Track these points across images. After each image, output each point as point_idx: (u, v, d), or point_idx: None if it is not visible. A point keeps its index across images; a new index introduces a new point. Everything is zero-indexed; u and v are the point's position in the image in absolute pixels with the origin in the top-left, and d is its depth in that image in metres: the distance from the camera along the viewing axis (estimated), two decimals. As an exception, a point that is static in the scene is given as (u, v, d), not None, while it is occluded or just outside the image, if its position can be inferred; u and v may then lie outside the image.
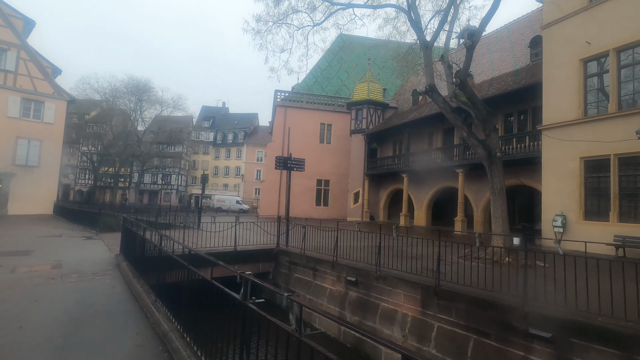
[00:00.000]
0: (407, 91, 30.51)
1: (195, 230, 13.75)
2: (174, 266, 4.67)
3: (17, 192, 23.40)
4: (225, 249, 10.09)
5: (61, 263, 7.41)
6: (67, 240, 11.09)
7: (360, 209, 28.85)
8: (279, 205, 32.54)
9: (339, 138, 34.05)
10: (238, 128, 62.20)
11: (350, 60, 39.57)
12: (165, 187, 55.84)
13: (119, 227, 18.16)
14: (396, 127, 25.54)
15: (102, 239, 11.67)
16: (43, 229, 14.60)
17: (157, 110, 42.87)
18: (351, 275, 7.98)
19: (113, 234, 13.25)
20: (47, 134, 24.77)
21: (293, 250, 10.40)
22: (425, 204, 23.88)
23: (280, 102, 33.49)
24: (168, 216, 16.60)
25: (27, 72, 24.21)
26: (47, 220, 19.36)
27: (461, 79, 9.37)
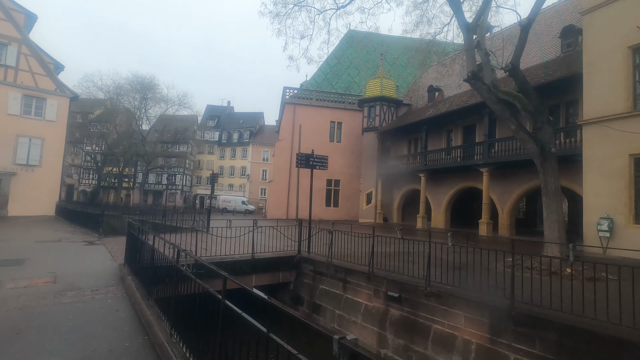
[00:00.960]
0: (422, 87, 29.31)
1: (204, 234, 12.70)
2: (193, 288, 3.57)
3: (17, 193, 22.48)
4: (242, 256, 9.01)
5: (56, 276, 6.35)
6: (67, 246, 10.06)
7: (373, 210, 27.70)
8: (287, 206, 31.51)
9: (349, 136, 32.93)
10: (243, 127, 61.21)
11: (360, 57, 38.47)
12: (170, 187, 54.95)
13: (123, 229, 17.17)
14: (412, 125, 24.37)
15: (104, 245, 10.62)
16: (42, 233, 13.59)
17: (162, 109, 41.97)
18: (393, 290, 6.84)
19: (117, 238, 12.22)
20: (49, 132, 23.83)
21: (317, 258, 9.28)
22: (443, 205, 22.69)
23: (288, 100, 32.41)
24: (175, 218, 15.56)
25: (29, 67, 23.29)
26: (47, 222, 18.38)
27: (513, 64, 8.22)
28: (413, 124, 23.99)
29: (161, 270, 4.55)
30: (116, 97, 39.70)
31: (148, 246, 5.28)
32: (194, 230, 14.79)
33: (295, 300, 9.60)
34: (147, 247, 5.34)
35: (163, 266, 4.47)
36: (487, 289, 5.69)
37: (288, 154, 31.89)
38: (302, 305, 9.29)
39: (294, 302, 9.62)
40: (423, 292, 6.27)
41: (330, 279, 8.58)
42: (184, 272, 3.57)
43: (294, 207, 31.15)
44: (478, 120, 20.50)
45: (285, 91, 32.75)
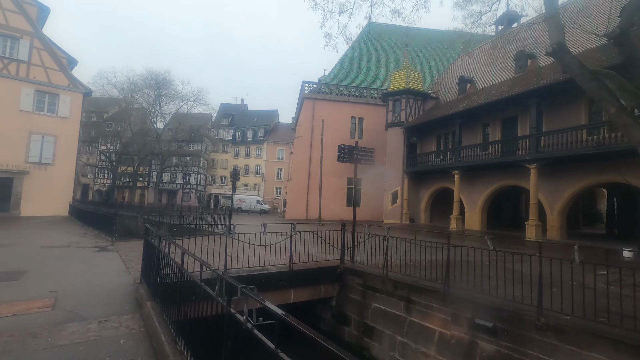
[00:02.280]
0: (450, 79, 27.50)
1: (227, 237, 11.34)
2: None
3: (30, 192, 21.63)
4: (278, 268, 7.57)
5: (57, 297, 5.02)
6: (75, 253, 8.80)
7: (399, 210, 26.04)
8: (307, 206, 30.09)
9: (371, 133, 31.28)
10: (258, 125, 60.10)
11: (381, 50, 36.78)
12: (184, 186, 54.19)
13: (138, 230, 16.04)
14: (442, 119, 22.62)
15: (118, 251, 9.33)
16: (51, 236, 12.45)
17: (176, 106, 41.02)
18: (483, 317, 5.27)
19: (132, 243, 10.95)
20: (62, 129, 22.94)
21: (367, 270, 7.76)
22: (479, 205, 20.89)
23: (307, 94, 30.96)
24: (195, 220, 14.29)
25: (41, 62, 22.42)
26: (59, 223, 17.35)
27: (622, 29, 6.55)
28: (444, 117, 22.24)
29: (196, 304, 3.10)
30: (130, 94, 38.88)
31: (174, 263, 3.85)
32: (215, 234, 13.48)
33: (339, 319, 8.11)
34: (173, 264, 3.91)
35: (196, 295, 3.03)
36: (618, 320, 4.14)
37: (307, 151, 30.46)
38: (349, 326, 7.79)
39: (337, 321, 8.14)
40: (534, 324, 4.70)
41: (387, 296, 7.05)
42: (240, 323, 2.09)
43: (314, 207, 29.75)
44: (521, 111, 18.67)
45: (304, 85, 31.31)
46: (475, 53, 27.68)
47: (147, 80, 38.99)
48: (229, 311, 2.30)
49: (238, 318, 2.19)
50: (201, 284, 2.97)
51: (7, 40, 21.34)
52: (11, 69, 21.38)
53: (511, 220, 22.53)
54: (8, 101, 21.11)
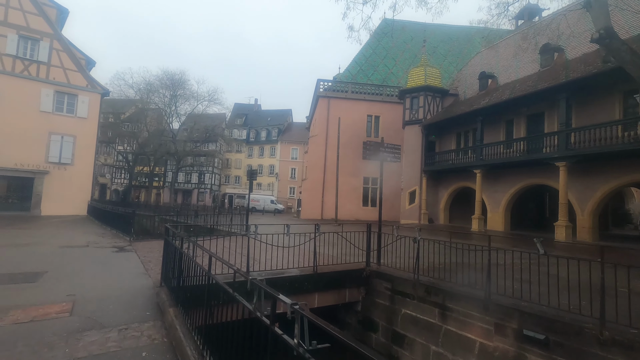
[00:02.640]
0: (470, 76, 26.69)
1: (245, 238, 11.09)
2: None
3: (50, 192, 21.90)
4: (302, 270, 7.21)
5: (75, 301, 4.77)
6: (94, 253, 8.64)
7: (417, 210, 25.40)
8: (322, 206, 29.72)
9: (387, 131, 30.63)
10: (271, 125, 60.05)
11: (396, 47, 36.12)
12: (199, 186, 54.57)
13: (155, 230, 15.93)
14: (463, 116, 21.88)
15: (136, 251, 9.13)
16: (70, 235, 12.40)
17: (191, 106, 41.23)
18: (533, 328, 4.78)
19: (149, 243, 10.76)
20: (80, 130, 23.17)
21: (396, 274, 7.32)
22: (502, 205, 20.11)
23: (322, 93, 30.58)
24: (212, 219, 14.08)
25: (60, 63, 22.68)
26: (78, 222, 17.43)
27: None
28: (465, 114, 21.50)
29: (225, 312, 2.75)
30: (146, 94, 39.25)
31: (200, 269, 3.51)
32: (233, 234, 13.23)
33: (365, 325, 7.69)
34: (198, 269, 3.57)
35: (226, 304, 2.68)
36: None
37: (322, 150, 30.10)
38: (376, 332, 7.36)
39: (363, 327, 7.72)
40: (596, 338, 4.19)
41: (418, 302, 6.60)
42: (289, 347, 1.71)
43: (329, 207, 29.36)
44: (548, 107, 17.86)
45: (319, 84, 30.94)
46: (495, 48, 26.80)
47: (163, 80, 39.34)
48: (274, 332, 1.92)
49: (287, 341, 1.81)
50: (234, 294, 2.61)
51: (27, 42, 21.66)
52: (32, 70, 21.68)
53: (535, 221, 21.64)
54: (29, 102, 21.41)
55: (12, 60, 21.07)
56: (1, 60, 20.77)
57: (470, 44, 37.21)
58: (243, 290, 2.88)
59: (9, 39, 20.88)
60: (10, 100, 20.81)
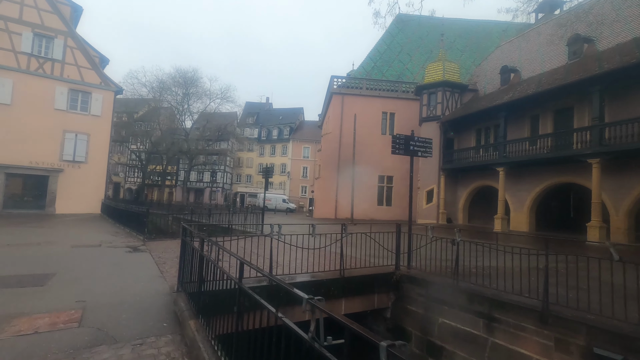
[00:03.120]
0: (490, 70, 25.75)
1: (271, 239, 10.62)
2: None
3: (64, 190, 21.84)
4: (327, 274, 6.64)
5: (85, 309, 4.31)
6: (106, 253, 8.24)
7: (435, 209, 24.60)
8: (336, 205, 29.12)
9: (403, 128, 29.84)
10: (283, 123, 59.69)
11: (411, 42, 35.27)
12: (211, 185, 54.54)
13: (168, 228, 15.61)
14: (484, 112, 21.02)
15: (150, 251, 8.70)
16: (83, 234, 12.10)
17: (204, 104, 41.04)
18: (606, 347, 4.11)
19: (163, 243, 10.34)
20: (94, 128, 23.07)
21: (431, 279, 6.69)
22: (527, 204, 19.22)
23: (336, 89, 29.94)
24: (227, 218, 13.65)
25: (75, 61, 22.61)
26: (92, 221, 17.23)
27: None
28: (487, 110, 20.62)
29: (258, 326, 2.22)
30: (159, 93, 39.22)
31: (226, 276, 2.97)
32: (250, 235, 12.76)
33: (395, 333, 7.08)
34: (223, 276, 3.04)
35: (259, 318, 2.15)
36: None
37: (336, 148, 29.49)
38: (409, 342, 6.74)
39: (393, 335, 7.09)
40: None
41: (459, 310, 5.96)
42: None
43: (343, 206, 28.75)
44: (578, 101, 16.91)
45: (333, 80, 30.32)
46: (516, 42, 25.81)
47: (176, 78, 39.25)
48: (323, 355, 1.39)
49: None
50: (276, 314, 2.06)
51: (42, 40, 21.61)
52: (46, 68, 21.63)
53: (562, 221, 20.63)
54: (44, 100, 21.37)
55: (27, 58, 21.05)
56: (16, 58, 20.76)
57: (488, 39, 36.11)
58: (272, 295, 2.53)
59: (24, 37, 20.86)
60: (26, 98, 20.80)
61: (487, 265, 6.29)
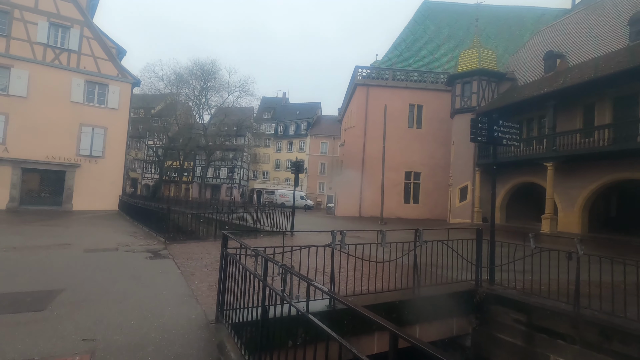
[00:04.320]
0: (530, 57, 23.71)
1: (332, 250, 9.41)
2: None
3: (81, 186, 21.07)
4: (397, 295, 5.22)
5: (93, 354, 3.06)
6: (124, 260, 7.04)
7: (470, 208, 22.88)
8: (361, 202, 27.70)
9: (431, 121, 28.19)
10: (300, 118, 58.38)
11: (439, 30, 33.30)
12: (228, 181, 53.77)
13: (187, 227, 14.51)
14: (527, 101, 19.17)
15: (174, 257, 7.47)
16: (99, 235, 11.03)
17: (222, 98, 39.98)
18: None
19: (187, 246, 9.12)
20: (111, 121, 22.20)
21: (534, 302, 5.19)
22: (579, 203, 17.36)
23: (361, 80, 28.41)
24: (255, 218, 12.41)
25: (91, 51, 21.72)
26: (109, 219, 16.28)
27: None
28: (532, 99, 18.74)
29: None
30: (176, 87, 38.35)
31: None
32: (274, 234, 11.46)
33: (480, 367, 5.62)
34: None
35: None
36: None
37: (360, 142, 28.04)
38: (500, 380, 5.28)
39: (477, 370, 5.65)
40: None
41: (584, 348, 4.46)
42: None
43: (368, 204, 27.30)
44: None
45: (357, 71, 28.78)
46: (561, 25, 23.65)
47: (193, 71, 38.23)
48: None
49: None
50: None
51: (58, 30, 20.78)
52: (62, 59, 20.82)
53: (616, 222, 18.63)
54: (60, 92, 20.58)
55: (42, 48, 20.25)
56: (32, 48, 19.98)
57: (521, 26, 33.84)
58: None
59: (40, 27, 20.04)
60: (41, 90, 20.03)
61: (608, 282, 4.77)
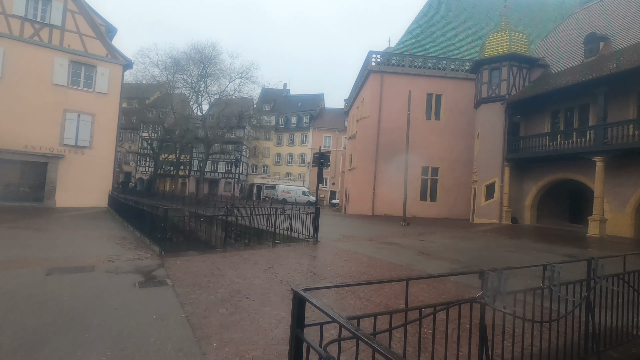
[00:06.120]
0: (564, 42, 21.59)
1: (481, 307, 7.22)
2: None
3: (66, 180, 18.69)
4: None
5: None
6: (100, 291, 4.75)
7: (497, 207, 20.79)
8: (374, 200, 25.56)
9: (451, 112, 26.02)
10: (302, 111, 55.93)
11: (456, 15, 31.02)
12: (227, 175, 51.37)
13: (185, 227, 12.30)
14: (568, 89, 17.04)
15: (174, 284, 5.24)
16: (77, 242, 8.76)
17: (222, 86, 37.35)
18: None
19: (190, 261, 6.87)
20: (100, 107, 19.77)
21: None
22: (632, 203, 15.34)
23: (374, 67, 26.10)
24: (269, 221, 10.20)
25: (76, 27, 19.21)
26: (95, 218, 13.98)
27: None
28: (577, 85, 16.59)
29: None
30: (172, 74, 35.69)
31: None
32: (295, 241, 9.30)
33: None
34: None
35: None
36: None
37: (374, 135, 25.82)
38: None
39: None
40: None
41: None
42: None
43: (382, 201, 25.18)
44: None
45: (371, 56, 26.44)
46: (599, 6, 21.46)
47: (191, 55, 35.47)
48: None
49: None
50: None
51: (38, 2, 18.23)
52: (43, 36, 18.31)
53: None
54: (41, 73, 18.13)
55: (20, 22, 17.72)
56: (7, 22, 17.45)
57: (543, 11, 31.65)
58: None
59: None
60: (20, 71, 17.56)
61: None
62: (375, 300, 4.82)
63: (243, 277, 5.79)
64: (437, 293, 5.26)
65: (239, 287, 5.19)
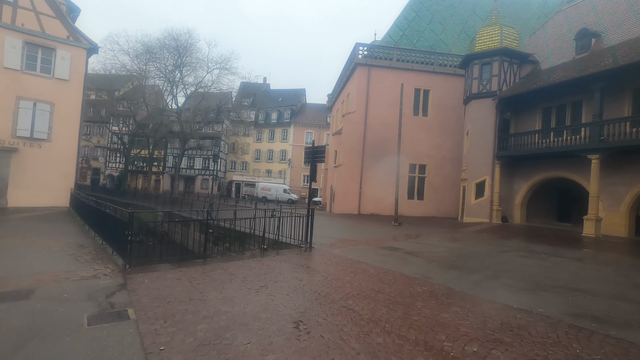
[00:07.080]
0: (553, 38, 21.31)
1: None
2: None
3: (20, 176, 16.57)
4: None
5: None
6: (31, 337, 3.41)
7: (487, 205, 20.30)
8: (360, 198, 24.60)
9: (439, 108, 25.40)
10: (283, 106, 54.32)
11: (443, 9, 30.47)
12: (203, 172, 49.13)
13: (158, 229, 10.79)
14: (562, 85, 16.61)
15: (139, 318, 3.92)
16: (17, 252, 7.16)
17: (198, 78, 35.22)
18: None
19: (160, 278, 5.49)
20: (60, 95, 17.68)
21: None
22: (627, 202, 15.07)
23: (361, 60, 25.07)
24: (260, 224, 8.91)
25: (32, 5, 17.03)
26: (51, 221, 12.18)
27: None
28: (572, 81, 16.15)
29: None
30: (145, 63, 33.27)
31: None
32: (289, 247, 8.09)
33: None
34: None
35: None
36: None
37: (360, 130, 24.84)
38: None
39: None
40: None
41: None
42: None
43: (369, 199, 24.29)
44: None
45: (357, 49, 25.38)
46: (588, 3, 21.28)
47: (165, 42, 33.13)
48: None
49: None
50: None
51: (-16, -27, 15.95)
52: (-9, 12, 16.04)
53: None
54: (-12, 55, 15.88)
55: (-38, -5, 15.41)
56: (-53, -6, 15.11)
57: (526, 9, 31.59)
58: None
59: (-42, -34, 15.19)
60: (-38, 51, 15.29)
61: None
62: (409, 335, 3.69)
63: (230, 302, 4.52)
64: (479, 321, 4.19)
65: (227, 319, 3.93)
